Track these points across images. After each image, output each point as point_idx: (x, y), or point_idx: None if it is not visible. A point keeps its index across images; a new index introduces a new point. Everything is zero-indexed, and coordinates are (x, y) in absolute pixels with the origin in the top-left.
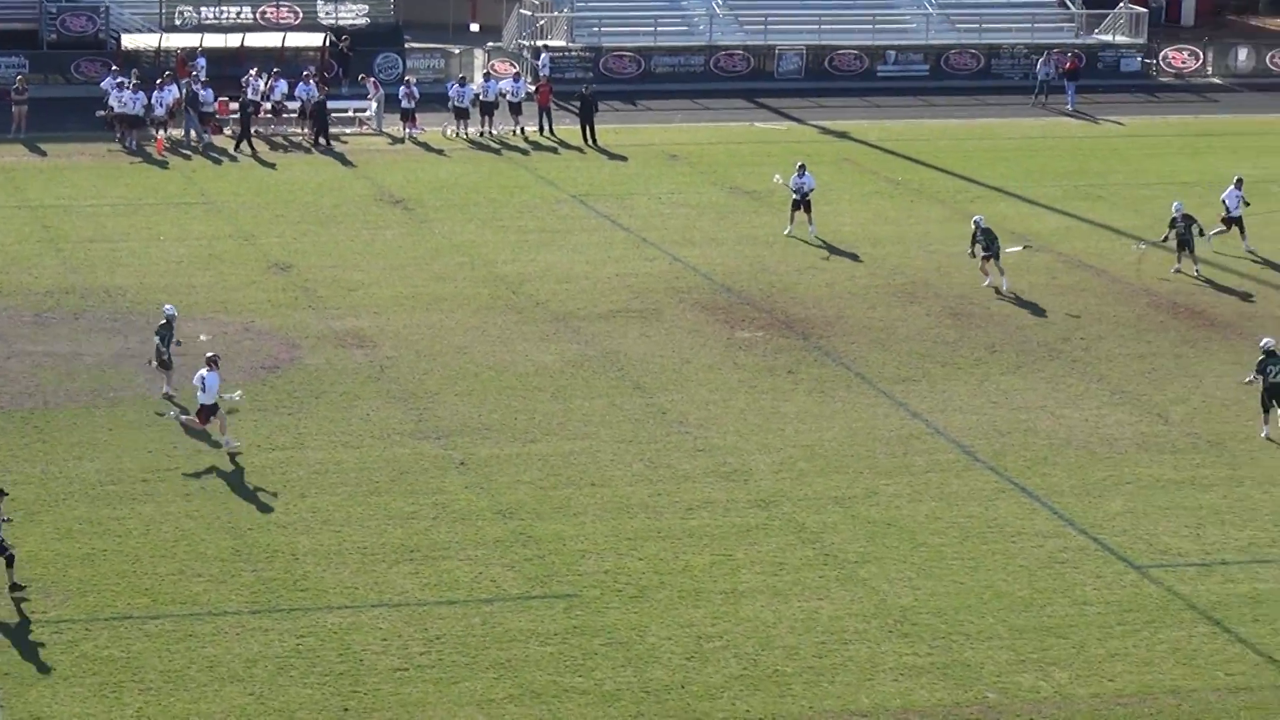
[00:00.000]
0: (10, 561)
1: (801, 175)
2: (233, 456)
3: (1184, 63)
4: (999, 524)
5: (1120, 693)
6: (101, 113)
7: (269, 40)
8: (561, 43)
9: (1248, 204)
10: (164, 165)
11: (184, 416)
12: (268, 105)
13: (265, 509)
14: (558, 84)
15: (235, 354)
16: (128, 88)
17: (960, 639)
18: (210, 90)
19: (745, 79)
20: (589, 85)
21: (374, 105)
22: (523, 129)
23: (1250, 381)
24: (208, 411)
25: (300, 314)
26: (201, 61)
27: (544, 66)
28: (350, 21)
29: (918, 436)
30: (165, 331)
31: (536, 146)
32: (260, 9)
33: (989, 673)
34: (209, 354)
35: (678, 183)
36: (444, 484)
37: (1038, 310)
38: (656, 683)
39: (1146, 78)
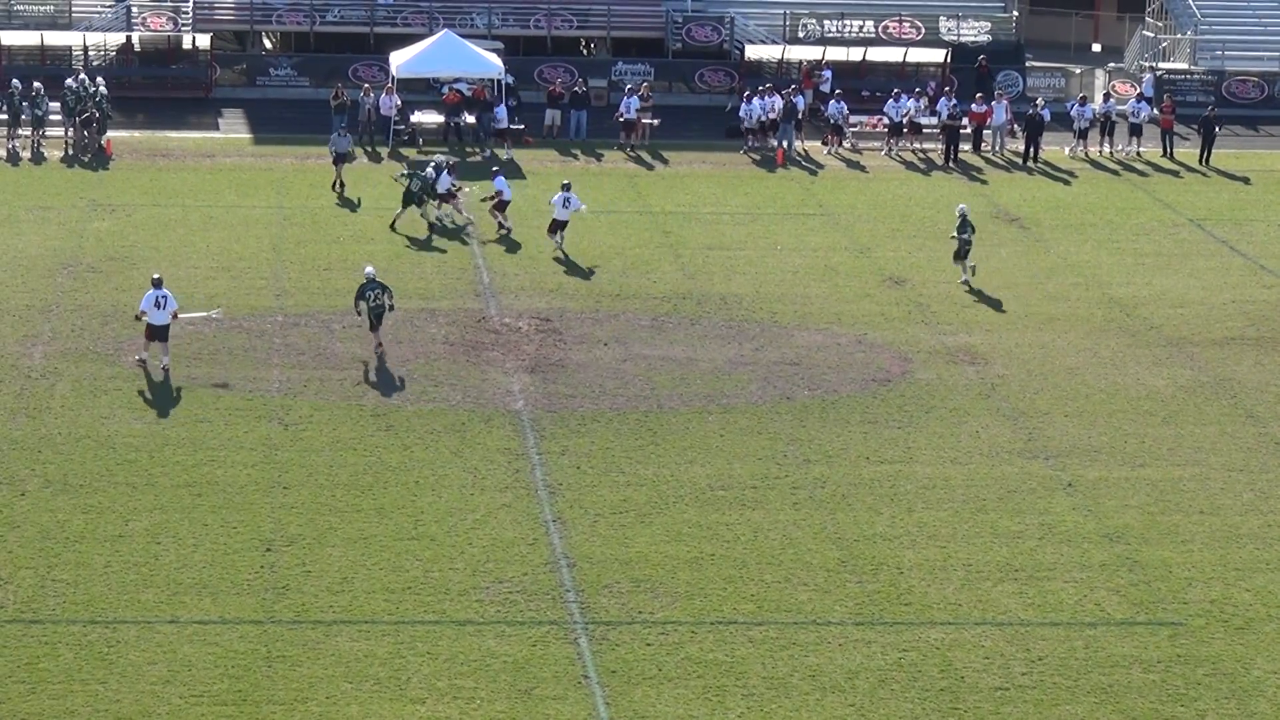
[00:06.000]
0: None
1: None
2: (167, 373)
3: None
4: None
5: None
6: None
7: (890, 55)
8: (1183, 65)
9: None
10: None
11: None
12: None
13: (871, 521)
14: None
15: (847, 365)
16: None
17: None
18: (843, 104)
19: None
20: (1212, 108)
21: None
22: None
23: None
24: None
25: (913, 328)
26: (828, 74)
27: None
28: (972, 39)
29: None
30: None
31: (1155, 168)
32: (883, 23)
33: None
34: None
35: None
36: (1051, 504)
37: None
38: (1261, 717)
39: None
